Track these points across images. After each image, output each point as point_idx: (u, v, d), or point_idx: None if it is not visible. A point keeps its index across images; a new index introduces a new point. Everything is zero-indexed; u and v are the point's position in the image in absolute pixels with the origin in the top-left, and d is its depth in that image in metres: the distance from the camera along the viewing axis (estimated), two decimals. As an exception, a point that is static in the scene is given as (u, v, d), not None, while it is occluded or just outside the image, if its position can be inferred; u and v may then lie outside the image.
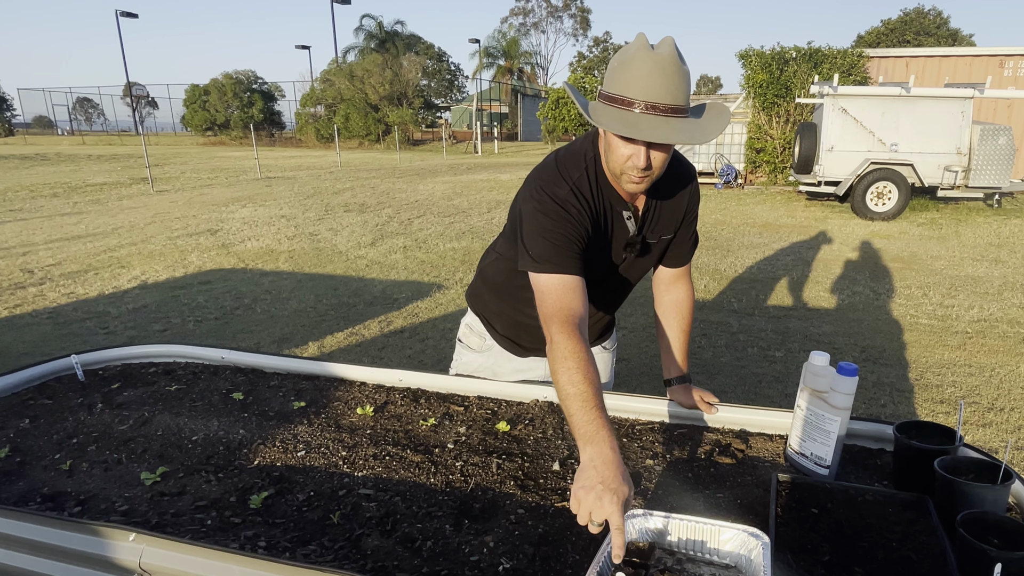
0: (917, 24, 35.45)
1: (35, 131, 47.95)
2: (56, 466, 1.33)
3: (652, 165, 1.30)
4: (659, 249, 1.61)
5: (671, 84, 1.22)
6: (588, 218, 1.39)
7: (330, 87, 34.80)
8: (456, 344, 1.89)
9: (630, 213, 1.47)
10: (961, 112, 10.19)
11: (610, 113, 1.26)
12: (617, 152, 1.31)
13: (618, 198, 1.45)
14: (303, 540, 1.08)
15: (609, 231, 1.47)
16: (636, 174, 1.32)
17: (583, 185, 1.41)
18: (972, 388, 3.97)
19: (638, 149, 1.28)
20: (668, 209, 1.54)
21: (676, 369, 1.63)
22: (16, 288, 6.23)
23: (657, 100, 1.22)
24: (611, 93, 1.27)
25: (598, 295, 1.62)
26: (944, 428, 1.23)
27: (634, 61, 1.23)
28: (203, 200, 12.46)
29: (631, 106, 1.23)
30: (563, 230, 1.36)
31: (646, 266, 1.63)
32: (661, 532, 0.97)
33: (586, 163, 1.44)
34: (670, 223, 1.56)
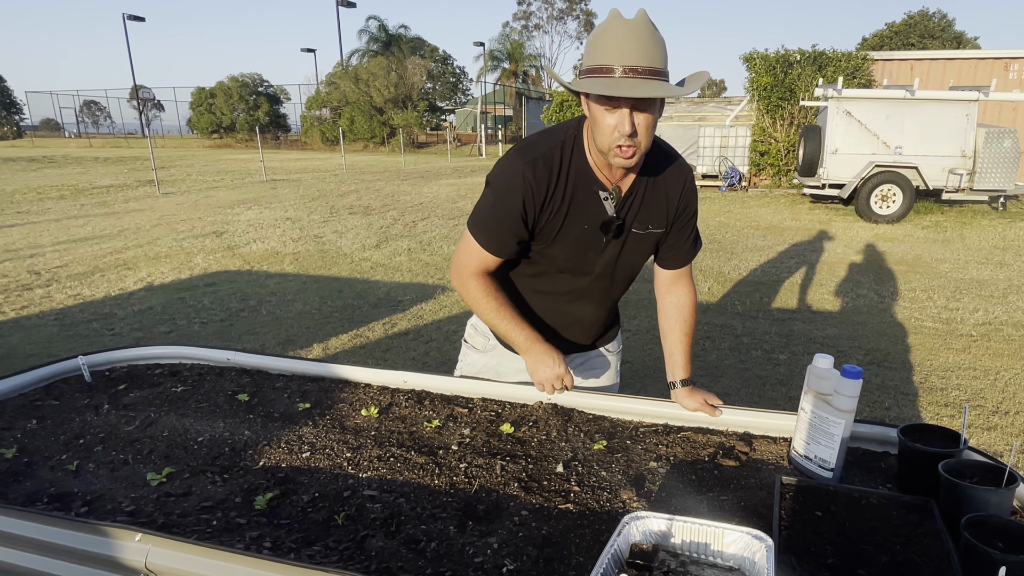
0: (922, 27, 35.36)
1: (42, 134, 48.18)
2: (63, 466, 1.34)
3: (638, 132, 1.33)
4: (649, 243, 1.61)
5: (646, 47, 1.27)
6: (549, 188, 1.46)
7: (335, 90, 34.90)
8: (462, 345, 1.90)
9: (607, 194, 1.50)
10: (966, 115, 10.17)
11: (592, 83, 1.31)
12: (603, 124, 1.35)
13: (594, 178, 1.48)
14: (308, 541, 1.08)
15: (580, 207, 1.49)
16: (625, 144, 1.34)
17: (551, 154, 1.47)
18: (977, 391, 3.96)
19: (623, 115, 1.31)
20: (655, 198, 1.55)
21: (679, 372, 1.64)
22: (23, 289, 6.27)
23: (636, 63, 1.26)
24: (591, 65, 1.31)
25: (586, 285, 1.64)
26: (948, 431, 1.22)
27: (609, 31, 1.29)
28: (209, 202, 12.50)
29: (611, 72, 1.28)
30: (507, 217, 1.48)
31: (636, 259, 1.63)
32: (665, 534, 0.97)
33: (564, 138, 1.49)
34: (659, 215, 1.57)
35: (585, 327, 1.75)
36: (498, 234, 1.51)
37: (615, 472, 1.29)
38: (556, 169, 1.46)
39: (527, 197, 1.45)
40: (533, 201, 1.46)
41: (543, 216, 1.49)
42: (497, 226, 1.51)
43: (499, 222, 1.50)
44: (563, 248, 1.55)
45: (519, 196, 1.45)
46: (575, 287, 1.64)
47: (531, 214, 1.47)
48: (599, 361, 1.85)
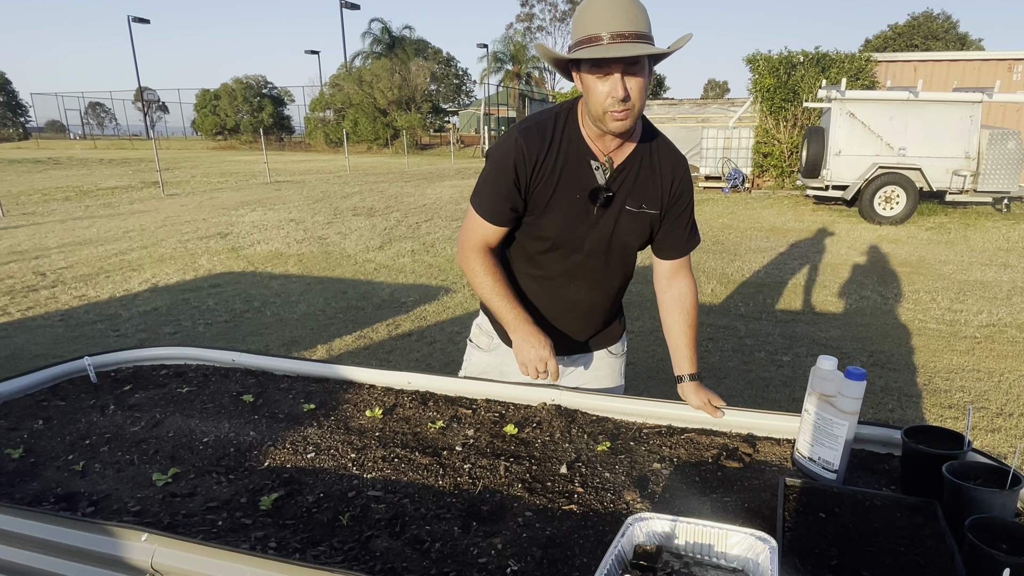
0: (925, 28, 35.30)
1: (48, 135, 48.36)
2: (69, 467, 1.34)
3: (630, 95, 1.39)
4: (643, 223, 1.62)
5: (630, 13, 1.34)
6: (540, 154, 1.52)
7: (339, 92, 34.97)
8: (467, 345, 1.91)
9: (599, 164, 1.54)
10: (970, 116, 10.15)
11: (582, 52, 1.36)
12: (596, 91, 1.40)
13: (587, 148, 1.54)
14: (313, 541, 1.09)
15: (571, 176, 1.54)
16: (618, 109, 1.40)
17: (545, 122, 1.55)
18: (981, 393, 3.95)
19: (615, 80, 1.37)
20: (649, 177, 1.59)
21: (686, 366, 1.66)
22: (29, 291, 6.29)
23: (622, 28, 1.33)
24: (579, 37, 1.38)
25: (579, 263, 1.65)
26: (952, 433, 1.22)
27: (594, 3, 1.36)
28: (213, 204, 12.54)
29: (599, 40, 1.34)
30: (501, 183, 1.54)
31: (630, 239, 1.63)
32: (668, 535, 0.97)
33: (559, 111, 1.57)
34: (653, 196, 1.60)
35: (581, 314, 1.73)
36: (493, 201, 1.57)
37: (619, 473, 1.30)
38: (549, 136, 1.53)
39: (519, 162, 1.52)
40: (525, 165, 1.52)
41: (535, 182, 1.54)
42: (492, 193, 1.57)
43: (494, 189, 1.56)
44: (554, 218, 1.58)
45: (511, 162, 1.52)
46: (568, 267, 1.65)
47: (523, 179, 1.53)
48: (601, 363, 1.85)
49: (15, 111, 45.13)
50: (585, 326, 1.76)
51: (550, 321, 1.72)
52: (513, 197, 1.55)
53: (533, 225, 1.61)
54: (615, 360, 1.87)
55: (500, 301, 1.58)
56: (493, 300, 1.59)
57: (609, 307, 1.77)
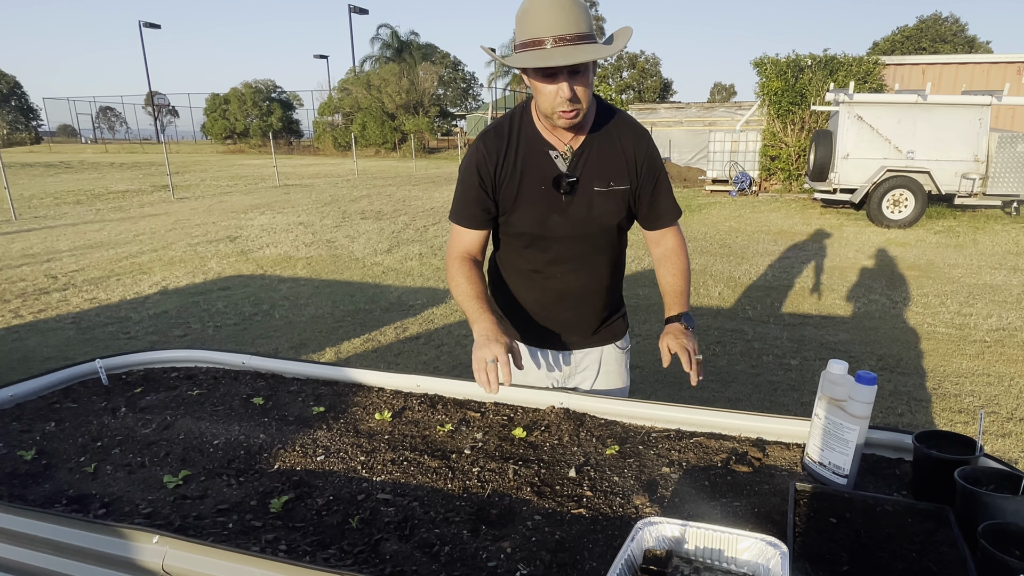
0: (933, 31, 35.14)
1: (59, 139, 48.73)
2: (81, 468, 1.35)
3: (578, 95, 1.43)
4: (616, 200, 1.64)
5: (571, 15, 1.37)
6: (499, 154, 1.58)
7: (347, 96, 35.11)
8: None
9: (558, 153, 1.59)
10: (978, 119, 10.09)
11: (526, 57, 1.40)
12: (544, 93, 1.45)
13: (543, 140, 1.59)
14: (323, 544, 1.09)
15: (533, 168, 1.59)
16: (566, 109, 1.45)
17: (501, 125, 1.61)
18: (991, 398, 3.92)
19: (560, 83, 1.42)
20: (611, 155, 1.61)
21: (674, 308, 1.69)
22: (41, 293, 6.34)
23: (563, 32, 1.37)
24: (523, 40, 1.41)
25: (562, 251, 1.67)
26: (964, 438, 1.22)
27: (535, 5, 1.39)
28: (223, 207, 12.61)
29: (542, 44, 1.38)
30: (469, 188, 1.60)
31: (607, 219, 1.65)
32: (678, 540, 0.97)
33: (513, 112, 1.64)
34: (619, 172, 1.62)
35: (575, 302, 1.74)
36: (464, 206, 1.63)
37: (628, 477, 1.29)
38: (506, 136, 1.59)
39: (480, 165, 1.58)
40: (487, 167, 1.58)
41: (499, 181, 1.60)
42: (463, 200, 1.63)
43: (464, 196, 1.63)
44: (525, 212, 1.62)
45: (474, 166, 1.59)
46: (552, 256, 1.68)
47: (487, 180, 1.59)
48: (610, 357, 1.86)
49: (27, 115, 45.50)
50: (584, 315, 1.78)
51: (548, 314, 1.75)
52: (482, 199, 1.61)
53: (508, 223, 1.66)
54: (622, 355, 1.89)
55: (469, 301, 1.58)
56: (464, 302, 1.60)
57: (604, 293, 1.78)
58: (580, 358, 1.83)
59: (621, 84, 48.01)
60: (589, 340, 1.82)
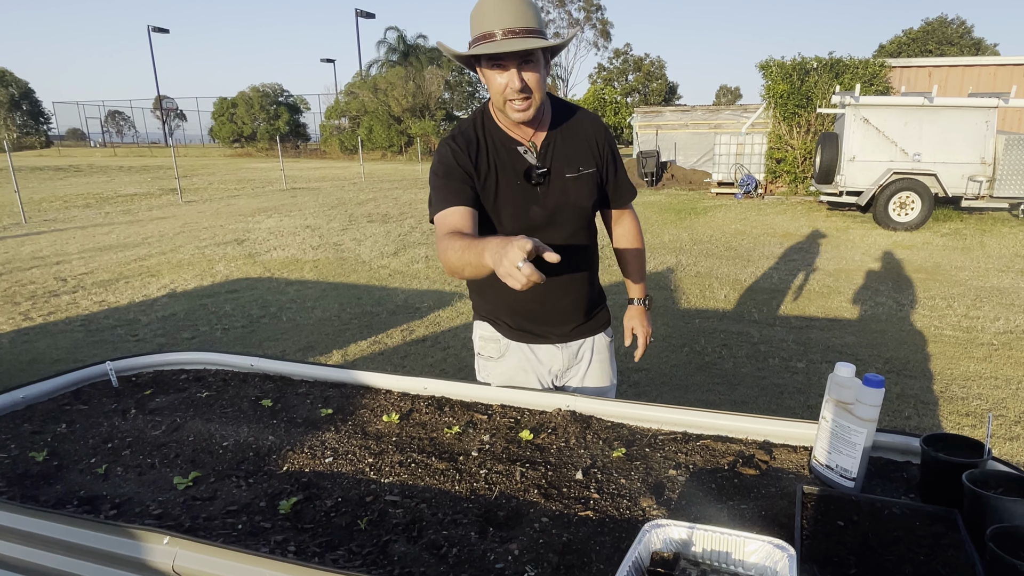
0: (940, 34, 35.01)
1: (69, 143, 49.03)
2: (92, 470, 1.37)
3: (528, 85, 1.49)
4: (588, 183, 1.72)
5: (520, 11, 1.44)
6: (471, 152, 1.61)
7: (354, 100, 35.23)
8: (476, 360, 1.92)
9: (526, 147, 1.65)
10: (985, 122, 10.04)
11: (478, 48, 1.46)
12: (495, 84, 1.51)
13: (509, 137, 1.64)
14: (331, 545, 1.10)
15: (505, 165, 1.64)
16: (518, 100, 1.50)
17: (467, 129, 1.65)
18: (999, 401, 3.90)
19: (512, 74, 1.47)
20: (575, 143, 1.70)
21: (633, 291, 1.95)
22: (50, 296, 6.39)
23: (513, 25, 1.43)
24: (476, 34, 1.48)
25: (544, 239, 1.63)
26: (972, 441, 1.21)
27: (485, 3, 1.46)
28: (230, 211, 12.66)
29: (493, 36, 1.45)
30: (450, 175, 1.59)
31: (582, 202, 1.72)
32: (686, 542, 0.98)
33: (475, 116, 1.69)
34: (585, 157, 1.71)
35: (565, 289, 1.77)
36: (447, 191, 1.59)
37: (634, 480, 1.30)
38: (474, 138, 1.63)
39: (457, 157, 1.60)
40: (463, 159, 1.60)
41: (478, 177, 1.62)
42: (444, 186, 1.59)
43: (444, 183, 1.59)
44: (505, 208, 1.65)
45: (451, 158, 1.60)
46: None
47: (467, 169, 1.60)
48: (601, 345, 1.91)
49: (38, 119, 45.83)
50: (576, 302, 1.82)
51: (540, 307, 1.78)
52: (465, 179, 1.60)
53: (488, 222, 1.68)
54: (611, 343, 1.96)
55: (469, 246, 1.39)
56: (464, 250, 1.41)
57: (589, 277, 1.85)
58: (575, 349, 1.86)
59: (626, 87, 48.02)
60: (582, 330, 1.86)
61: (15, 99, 43.13)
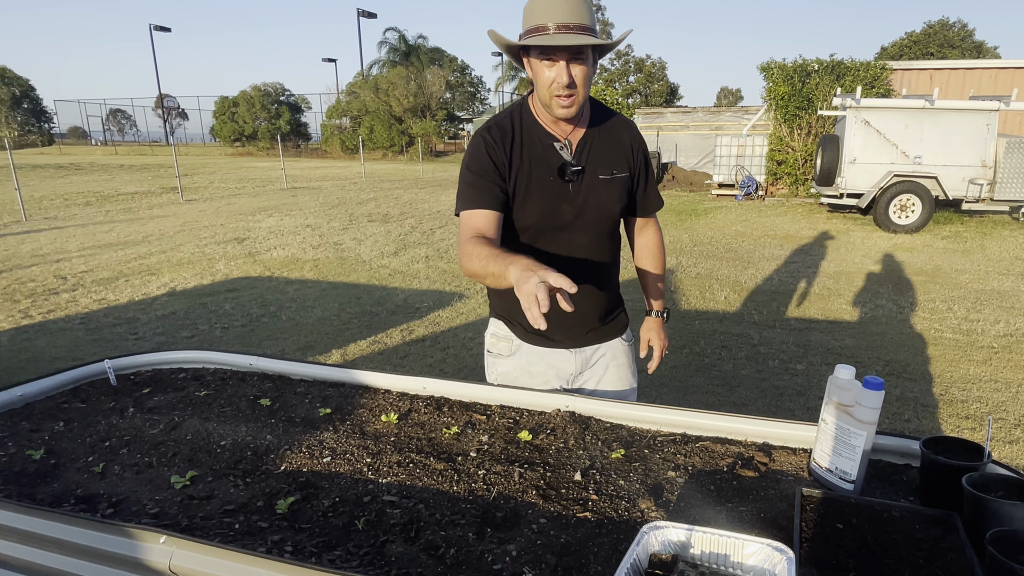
0: (941, 36, 35.02)
1: (70, 141, 49.05)
2: (89, 468, 1.36)
3: (575, 82, 1.49)
4: (619, 187, 1.71)
5: (575, 7, 1.44)
6: (505, 145, 1.61)
7: (355, 99, 35.26)
8: (485, 357, 1.91)
9: (562, 144, 1.64)
10: (986, 124, 10.05)
11: (530, 40, 1.46)
12: (542, 77, 1.51)
13: (546, 132, 1.64)
14: (329, 545, 1.09)
15: (539, 160, 1.63)
16: (563, 95, 1.50)
17: (503, 120, 1.65)
18: (998, 404, 3.90)
19: (560, 68, 1.47)
20: (610, 145, 1.70)
21: (656, 301, 1.95)
22: (50, 294, 6.38)
23: (567, 20, 1.43)
24: (528, 27, 1.48)
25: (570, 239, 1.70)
26: (971, 444, 1.21)
27: None
28: (231, 209, 12.66)
29: (546, 30, 1.44)
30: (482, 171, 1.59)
31: (611, 206, 1.71)
32: (684, 544, 0.97)
33: (513, 109, 1.68)
34: (620, 160, 1.71)
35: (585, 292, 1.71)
36: (476, 190, 1.61)
37: (633, 481, 1.29)
38: (510, 130, 1.63)
39: (491, 151, 1.60)
40: (497, 152, 1.60)
41: (510, 173, 1.62)
42: (474, 183, 1.61)
43: (474, 180, 1.61)
44: (534, 203, 1.64)
45: (484, 152, 1.60)
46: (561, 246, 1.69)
47: (500, 165, 1.60)
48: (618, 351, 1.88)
49: (39, 118, 45.88)
50: (594, 305, 1.80)
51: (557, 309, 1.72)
52: (496, 179, 1.61)
53: (516, 216, 1.67)
54: (629, 349, 1.93)
55: (494, 258, 1.42)
56: (489, 261, 1.43)
57: (609, 282, 1.83)
58: (590, 355, 1.84)
59: (627, 88, 47.99)
60: (597, 335, 1.83)
61: (16, 97, 43.16)
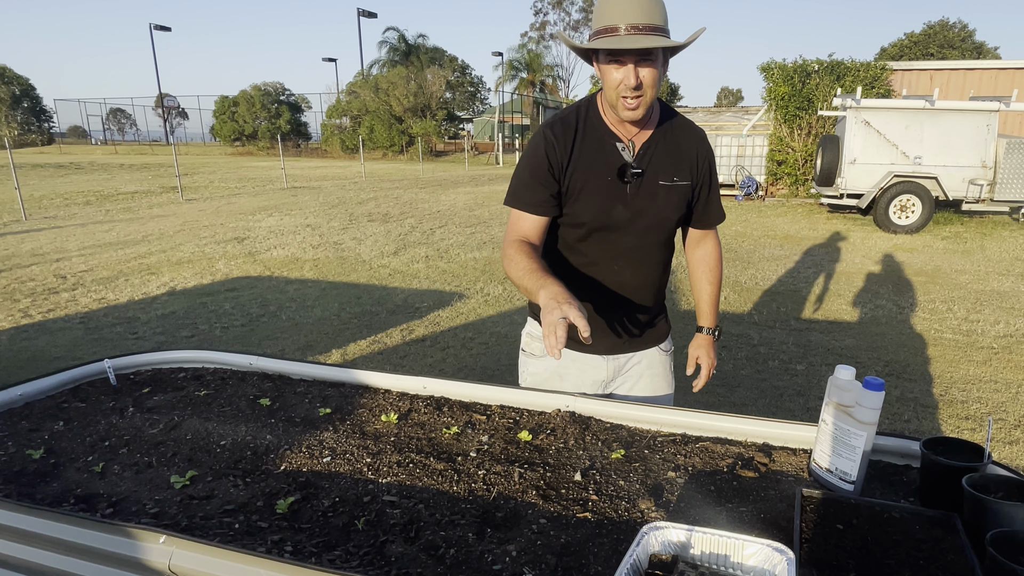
0: (941, 37, 35.01)
1: (70, 140, 49.02)
2: (89, 468, 1.36)
3: (643, 84, 1.46)
4: (679, 195, 1.68)
5: (646, 7, 1.41)
6: (567, 141, 1.60)
7: (355, 99, 35.26)
8: (520, 356, 1.91)
9: (624, 145, 1.62)
10: (986, 125, 10.05)
11: (599, 41, 1.44)
12: (610, 78, 1.48)
13: (610, 131, 1.62)
14: (328, 545, 1.09)
15: (600, 159, 1.62)
16: (630, 96, 1.48)
17: (568, 116, 1.63)
18: (998, 404, 3.90)
19: (628, 70, 1.45)
20: (674, 152, 1.66)
21: (703, 320, 1.90)
22: (50, 293, 6.38)
23: (637, 20, 1.41)
24: (598, 27, 1.46)
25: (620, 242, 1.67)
26: (972, 445, 1.21)
27: None
28: (231, 209, 12.66)
29: (616, 31, 1.42)
30: (537, 172, 1.59)
31: (668, 213, 1.69)
32: (684, 545, 0.97)
33: (579, 104, 1.66)
34: (682, 168, 1.67)
35: (628, 298, 1.73)
36: (531, 192, 1.61)
37: (633, 482, 1.29)
38: (573, 126, 1.61)
39: (550, 151, 1.59)
40: (556, 153, 1.59)
41: (568, 169, 1.60)
42: (530, 184, 1.61)
43: (531, 181, 1.61)
44: (589, 202, 1.62)
45: (543, 151, 1.59)
46: (610, 248, 1.68)
47: (556, 167, 1.60)
48: (654, 360, 1.86)
49: (39, 117, 45.87)
50: (634, 313, 1.77)
51: (599, 312, 1.72)
52: (549, 183, 1.60)
53: (569, 213, 1.65)
54: (667, 358, 1.90)
55: (530, 275, 1.47)
56: (524, 276, 1.48)
57: (654, 292, 1.79)
58: (623, 362, 1.82)
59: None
60: (632, 343, 1.81)
61: (16, 96, 43.15)
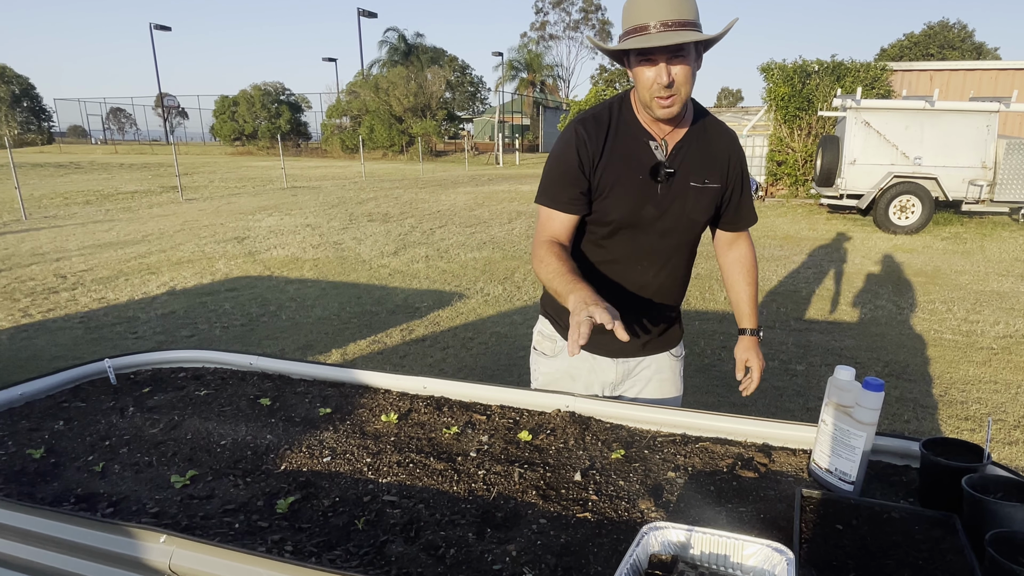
0: (941, 37, 35.02)
1: (70, 140, 49.00)
2: (89, 467, 1.36)
3: (675, 81, 1.43)
4: (709, 197, 1.66)
5: (674, 2, 1.38)
6: (599, 138, 1.57)
7: (356, 99, 35.27)
8: (531, 354, 1.91)
9: (657, 143, 1.59)
10: (986, 126, 10.06)
11: (629, 41, 1.42)
12: (643, 78, 1.45)
13: (643, 129, 1.59)
14: (328, 545, 1.09)
15: (632, 156, 1.59)
16: (663, 96, 1.45)
17: (600, 112, 1.61)
18: (998, 405, 3.90)
19: (660, 68, 1.42)
20: (707, 153, 1.64)
21: (745, 321, 1.87)
22: (50, 293, 6.38)
23: (668, 17, 1.38)
24: (628, 27, 1.43)
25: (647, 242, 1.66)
26: (971, 445, 1.21)
27: None
28: (231, 209, 12.66)
29: (647, 29, 1.39)
30: (567, 170, 1.57)
31: (697, 215, 1.67)
32: (683, 545, 0.97)
33: (612, 101, 1.63)
34: (714, 170, 1.65)
35: (649, 299, 1.72)
36: (561, 189, 1.59)
37: (633, 482, 1.29)
38: (606, 123, 1.59)
39: (580, 148, 1.56)
40: (587, 150, 1.57)
41: (599, 167, 1.58)
42: (559, 182, 1.59)
43: (561, 178, 1.59)
44: (618, 200, 1.60)
45: (574, 149, 1.57)
46: (635, 248, 1.66)
47: (587, 164, 1.57)
48: (664, 365, 1.85)
49: (39, 116, 45.87)
50: (652, 315, 1.76)
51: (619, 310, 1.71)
52: (579, 181, 1.58)
53: (597, 210, 1.63)
54: (677, 363, 1.89)
55: (560, 277, 1.45)
56: (554, 279, 1.47)
57: (674, 295, 1.79)
58: (633, 366, 1.81)
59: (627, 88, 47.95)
60: (644, 347, 1.79)
61: (16, 96, 43.15)
